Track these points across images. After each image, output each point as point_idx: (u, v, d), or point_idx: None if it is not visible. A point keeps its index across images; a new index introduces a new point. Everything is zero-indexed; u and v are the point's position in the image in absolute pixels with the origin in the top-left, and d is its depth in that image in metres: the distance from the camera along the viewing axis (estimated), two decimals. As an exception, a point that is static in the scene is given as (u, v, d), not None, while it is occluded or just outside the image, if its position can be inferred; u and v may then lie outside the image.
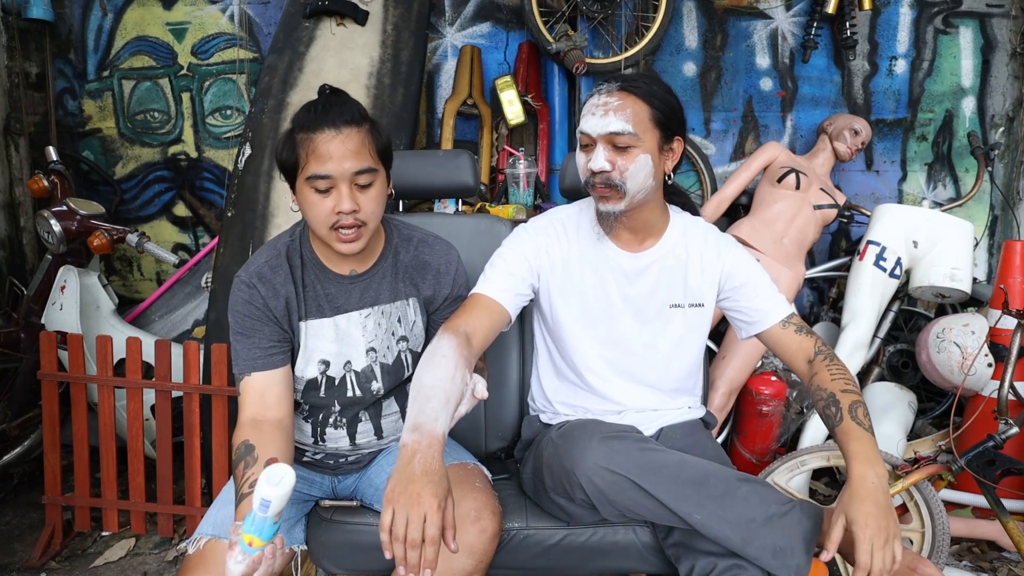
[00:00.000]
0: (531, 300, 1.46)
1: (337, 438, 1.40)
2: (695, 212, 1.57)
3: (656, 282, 1.43)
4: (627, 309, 1.43)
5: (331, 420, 1.39)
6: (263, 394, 1.26)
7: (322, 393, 1.36)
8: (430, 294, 1.39)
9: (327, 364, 1.35)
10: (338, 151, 1.18)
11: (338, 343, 1.34)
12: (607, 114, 1.29)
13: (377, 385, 1.38)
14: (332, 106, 1.20)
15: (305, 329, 1.32)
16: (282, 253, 1.32)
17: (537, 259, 1.42)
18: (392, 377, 1.39)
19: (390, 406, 1.43)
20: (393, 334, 1.37)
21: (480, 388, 1.17)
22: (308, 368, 1.34)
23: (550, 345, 1.53)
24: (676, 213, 1.50)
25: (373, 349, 1.36)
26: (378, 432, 1.43)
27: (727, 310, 1.47)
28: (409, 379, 1.42)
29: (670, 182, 1.41)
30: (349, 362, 1.36)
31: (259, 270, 1.30)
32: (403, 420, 1.45)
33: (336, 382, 1.36)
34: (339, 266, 1.33)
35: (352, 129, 1.19)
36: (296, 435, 1.42)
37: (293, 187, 1.24)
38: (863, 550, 1.06)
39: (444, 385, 1.11)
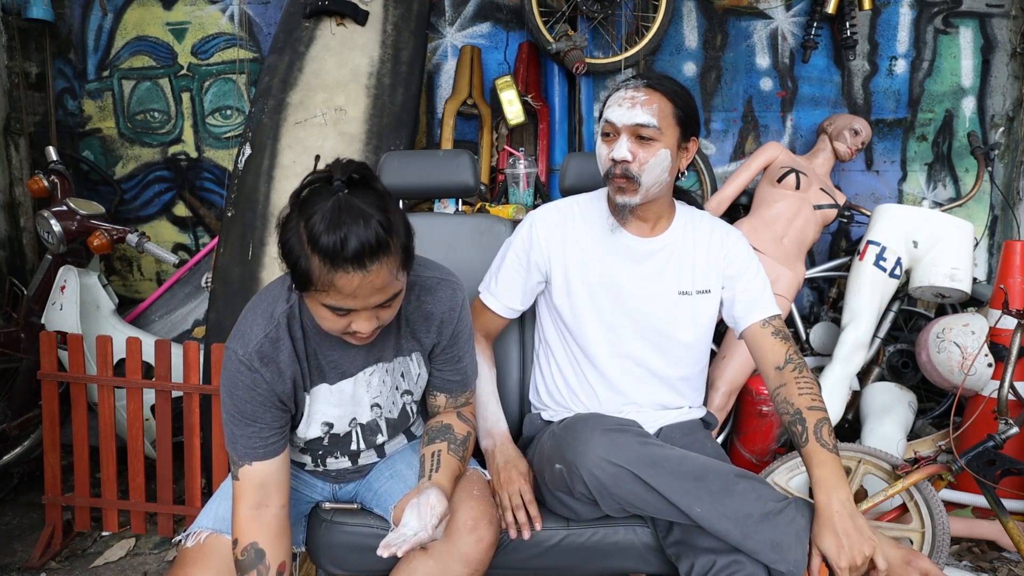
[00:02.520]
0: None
1: (338, 463, 1.39)
2: (697, 207, 1.61)
3: (665, 266, 1.47)
4: (636, 293, 1.46)
5: (333, 454, 1.37)
6: (264, 484, 1.19)
7: (325, 442, 1.33)
8: (431, 345, 1.31)
9: (330, 426, 1.30)
10: (364, 291, 1.03)
11: (341, 407, 1.29)
12: (634, 106, 1.34)
13: (383, 438, 1.37)
14: (355, 228, 0.99)
15: (309, 399, 1.26)
16: (281, 324, 1.18)
17: (543, 253, 1.50)
18: (396, 429, 1.38)
19: (393, 445, 1.43)
20: (397, 388, 1.33)
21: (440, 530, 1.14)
22: (310, 430, 1.29)
23: (557, 334, 1.54)
24: (681, 205, 1.55)
25: (378, 405, 1.32)
26: (381, 455, 1.42)
27: (724, 304, 1.51)
28: (413, 421, 1.41)
29: (681, 178, 1.46)
30: (355, 419, 1.32)
31: (259, 348, 1.16)
32: (407, 442, 1.45)
33: (340, 437, 1.33)
34: None
35: (379, 263, 1.02)
36: (294, 456, 1.39)
37: (299, 290, 1.08)
38: None
39: (490, 388, 1.51)
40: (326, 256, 0.99)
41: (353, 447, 1.35)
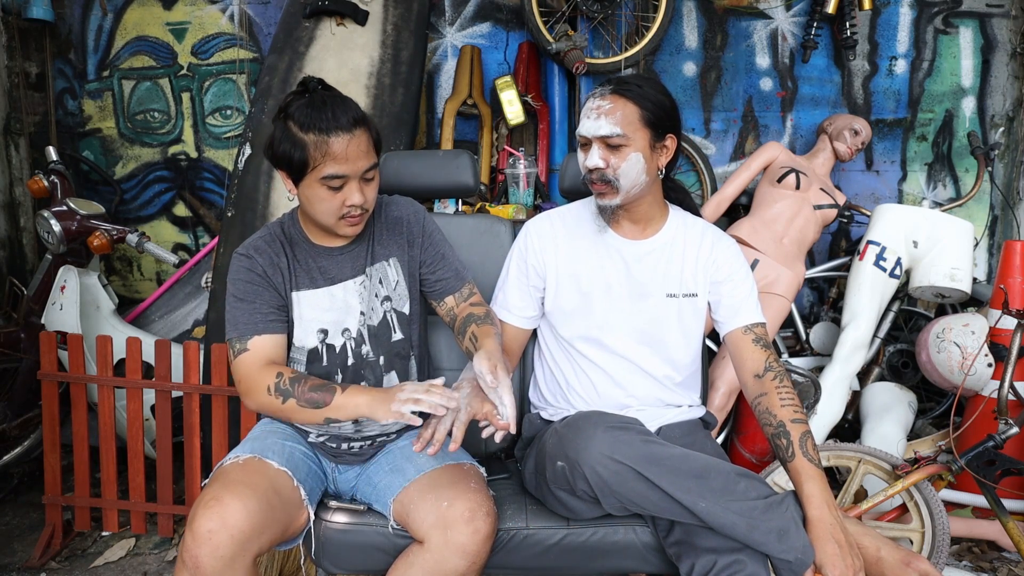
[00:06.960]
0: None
1: (342, 428, 1.41)
2: (694, 210, 1.62)
3: (655, 268, 1.49)
4: (625, 294, 1.49)
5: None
6: (269, 352, 1.33)
7: (324, 362, 1.41)
8: (408, 246, 1.47)
9: (325, 332, 1.40)
10: (353, 152, 1.26)
11: (333, 311, 1.40)
12: (599, 117, 1.38)
13: (367, 348, 1.43)
14: (338, 107, 1.26)
15: (298, 300, 1.38)
16: (274, 232, 1.41)
17: (538, 256, 1.53)
18: (379, 340, 1.43)
19: (391, 382, 1.44)
20: (377, 295, 1.44)
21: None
22: (308, 338, 1.39)
23: (552, 333, 1.56)
24: (674, 209, 1.57)
25: (362, 313, 1.42)
26: (376, 381, 1.45)
27: (711, 307, 1.52)
28: (398, 343, 1.45)
29: (662, 175, 1.46)
30: (348, 329, 1.42)
31: (255, 244, 1.39)
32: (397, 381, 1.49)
33: (337, 349, 1.41)
34: (328, 241, 1.41)
35: (361, 129, 1.28)
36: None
37: (296, 181, 1.31)
38: None
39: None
40: (320, 129, 1.23)
41: (350, 362, 1.42)
